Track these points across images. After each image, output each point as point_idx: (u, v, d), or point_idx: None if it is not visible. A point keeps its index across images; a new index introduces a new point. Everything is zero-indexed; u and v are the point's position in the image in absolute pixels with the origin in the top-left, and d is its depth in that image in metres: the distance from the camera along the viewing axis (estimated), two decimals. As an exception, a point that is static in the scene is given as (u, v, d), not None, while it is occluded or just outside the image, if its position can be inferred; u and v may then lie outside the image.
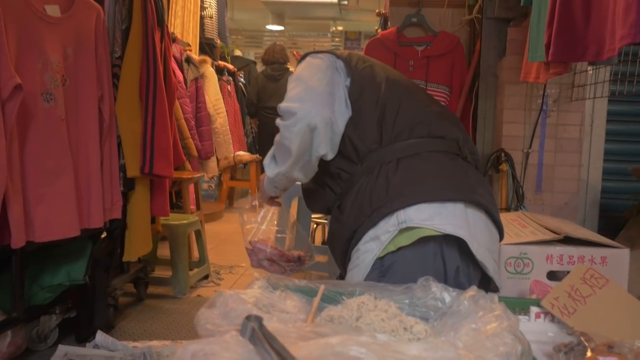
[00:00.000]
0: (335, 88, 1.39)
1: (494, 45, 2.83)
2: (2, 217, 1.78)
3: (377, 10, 3.68)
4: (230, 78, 6.33)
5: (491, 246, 1.36)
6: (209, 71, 4.96)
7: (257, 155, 6.28)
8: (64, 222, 2.00)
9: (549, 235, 2.06)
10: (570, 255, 2.04)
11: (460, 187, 1.34)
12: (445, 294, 1.11)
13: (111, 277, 2.47)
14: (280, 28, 8.91)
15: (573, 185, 2.81)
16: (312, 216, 3.85)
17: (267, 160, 1.47)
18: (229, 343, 0.81)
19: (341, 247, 1.37)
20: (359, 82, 1.41)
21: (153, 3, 2.40)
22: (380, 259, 1.28)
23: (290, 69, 7.67)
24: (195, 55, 4.93)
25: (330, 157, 1.36)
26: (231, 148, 5.23)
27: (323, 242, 4.20)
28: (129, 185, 2.34)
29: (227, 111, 5.39)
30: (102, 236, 2.33)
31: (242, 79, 6.99)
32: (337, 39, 10.70)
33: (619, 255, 2.02)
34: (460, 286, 1.13)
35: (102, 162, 2.19)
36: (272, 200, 1.58)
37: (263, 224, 1.67)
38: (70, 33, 2.06)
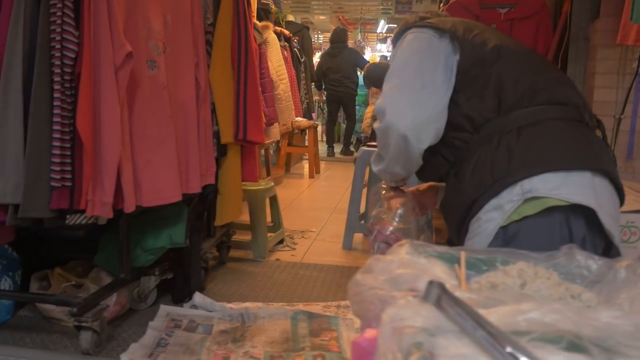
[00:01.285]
0: (435, 74, 1.37)
1: (587, 6, 2.72)
2: (116, 183, 1.84)
3: (453, -29, 3.56)
4: (287, 43, 6.30)
5: (615, 214, 1.33)
6: (272, 37, 4.95)
7: (314, 121, 6.30)
8: (168, 187, 2.05)
9: (657, 203, 2.00)
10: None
11: (586, 155, 1.31)
12: (590, 262, 1.09)
13: (201, 241, 2.54)
14: (332, -8, 8.76)
15: (667, 153, 2.71)
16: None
17: (373, 156, 1.52)
18: (418, 308, 0.82)
19: (458, 215, 1.37)
20: (470, 53, 1.39)
21: (242, -31, 2.39)
22: (503, 228, 1.27)
23: (348, 46, 7.74)
24: (256, 21, 4.91)
25: (434, 143, 1.39)
26: (293, 114, 5.24)
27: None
28: (222, 151, 2.38)
29: (286, 77, 5.39)
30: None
31: (296, 45, 6.96)
32: (388, 3, 10.47)
33: None
34: None
35: (198, 128, 2.23)
36: (397, 190, 1.61)
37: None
38: (169, 1, 2.08)
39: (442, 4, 5.89)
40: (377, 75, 4.24)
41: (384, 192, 1.64)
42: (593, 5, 2.71)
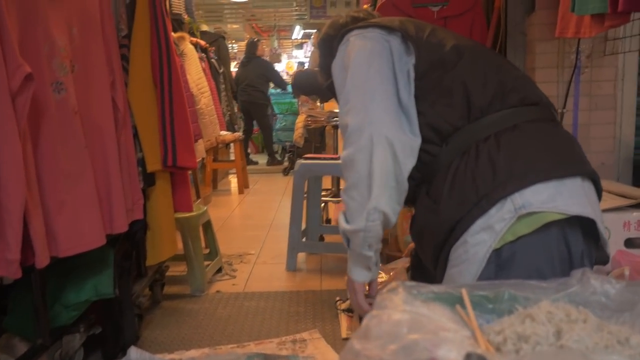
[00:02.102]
0: (396, 79, 1.23)
1: (521, 0, 2.65)
2: (23, 234, 1.51)
3: (378, -29, 3.43)
4: (204, 55, 5.99)
5: (601, 218, 1.22)
6: (189, 48, 4.63)
7: (239, 134, 6.05)
8: (89, 230, 1.74)
9: (624, 201, 1.92)
10: (648, 221, 1.92)
11: (573, 160, 1.21)
12: (608, 287, 0.95)
13: (132, 285, 2.22)
14: (244, 0, 8.50)
15: (609, 144, 2.69)
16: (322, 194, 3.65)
17: (342, 217, 1.23)
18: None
19: (436, 240, 1.20)
20: (427, 55, 1.25)
21: (157, -28, 2.10)
22: (496, 251, 1.12)
23: (259, 56, 7.64)
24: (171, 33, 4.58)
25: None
26: (217, 128, 4.94)
27: (327, 221, 4.02)
28: (149, 180, 2.08)
29: (207, 90, 5.08)
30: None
31: (213, 55, 6.67)
32: (302, 8, 10.34)
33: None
34: None
35: (119, 157, 1.92)
36: (368, 306, 1.29)
37: None
38: (73, 10, 1.76)
39: (357, 7, 5.83)
40: (305, 83, 4.04)
41: None
42: (527, -1, 2.65)
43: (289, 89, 7.72)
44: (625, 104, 2.71)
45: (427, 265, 1.33)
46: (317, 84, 4.35)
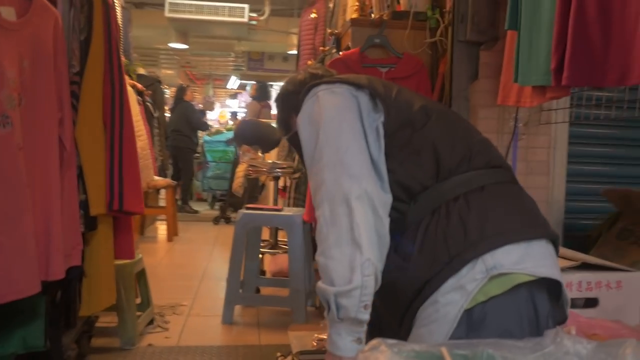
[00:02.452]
0: (365, 134, 1.23)
1: (465, 68, 2.79)
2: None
3: (329, 30, 3.54)
4: (139, 98, 5.88)
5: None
6: (128, 90, 4.51)
7: (170, 180, 5.90)
8: (23, 277, 1.59)
9: (566, 263, 2.01)
10: (588, 282, 2.01)
11: (538, 222, 1.25)
12: (579, 347, 0.97)
13: (61, 337, 2.05)
14: (184, 47, 8.48)
15: (542, 207, 2.82)
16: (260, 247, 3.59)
17: (324, 283, 1.12)
18: None
19: (404, 298, 1.19)
20: (397, 115, 1.26)
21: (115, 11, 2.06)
22: (467, 311, 1.12)
23: (186, 101, 7.60)
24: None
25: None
26: (152, 173, 4.79)
27: (261, 273, 3.93)
28: (90, 224, 1.95)
29: (142, 133, 4.96)
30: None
31: (148, 99, 6.57)
32: (239, 60, 10.45)
33: (633, 279, 2.03)
34: None
35: (62, 199, 1.80)
36: None
37: None
38: (26, 42, 1.67)
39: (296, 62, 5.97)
40: (249, 133, 4.04)
41: None
42: (471, 67, 2.80)
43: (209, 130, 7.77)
44: (557, 171, 2.88)
45: (388, 323, 1.31)
46: (260, 134, 4.35)
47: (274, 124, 5.55)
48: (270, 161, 3.82)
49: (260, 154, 4.16)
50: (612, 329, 1.72)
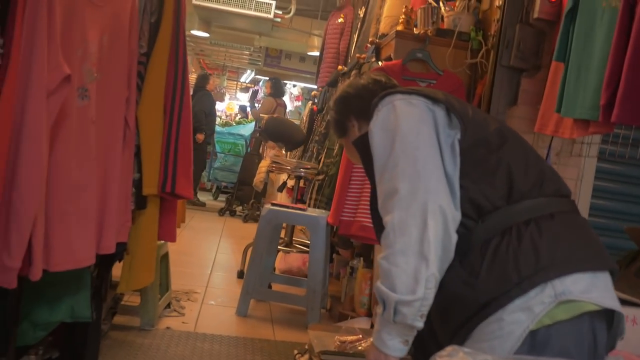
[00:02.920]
0: (441, 149, 1.26)
1: (505, 92, 2.85)
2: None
3: (370, 39, 3.58)
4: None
5: None
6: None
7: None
8: (82, 247, 1.63)
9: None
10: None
11: (603, 254, 1.29)
12: None
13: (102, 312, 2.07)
14: (206, 35, 8.49)
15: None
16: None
17: (384, 286, 1.16)
18: None
19: (465, 311, 1.22)
20: (473, 132, 1.29)
21: (185, -3, 2.09)
22: (532, 332, 1.15)
23: (207, 89, 7.49)
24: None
25: None
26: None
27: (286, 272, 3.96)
28: (140, 203, 1.98)
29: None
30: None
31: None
32: (255, 54, 10.47)
33: (651, 316, 2.07)
34: None
35: (121, 175, 1.83)
36: None
37: None
38: (108, 18, 1.71)
39: (317, 62, 6.00)
40: (276, 129, 4.07)
41: None
42: (510, 93, 2.85)
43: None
44: (581, 204, 2.93)
45: (432, 332, 1.33)
46: (286, 132, 4.38)
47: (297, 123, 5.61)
48: (295, 160, 3.85)
49: (283, 152, 4.19)
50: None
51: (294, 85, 11.40)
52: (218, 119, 9.17)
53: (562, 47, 2.33)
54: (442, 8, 3.22)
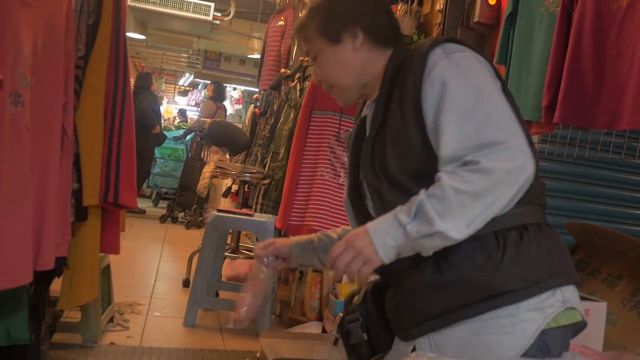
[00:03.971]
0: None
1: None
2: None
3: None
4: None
5: None
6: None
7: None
8: (18, 265, 1.52)
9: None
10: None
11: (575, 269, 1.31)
12: None
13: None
14: (141, 37, 8.25)
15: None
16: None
17: (432, 208, 1.04)
18: None
19: (468, 296, 1.13)
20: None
21: (124, -2, 2.00)
22: (542, 332, 1.13)
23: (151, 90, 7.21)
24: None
25: None
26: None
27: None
28: (81, 215, 1.88)
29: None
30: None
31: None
32: (194, 57, 10.27)
33: (598, 308, 2.16)
34: None
35: (59, 186, 1.73)
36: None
37: None
38: (42, 19, 1.61)
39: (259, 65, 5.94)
40: (220, 134, 3.99)
41: None
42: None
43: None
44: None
45: (386, 322, 1.27)
46: (230, 136, 4.29)
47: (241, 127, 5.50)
48: (240, 164, 3.79)
49: (227, 156, 4.11)
50: (587, 354, 1.84)
51: (234, 89, 11.25)
52: (156, 123, 8.91)
53: (503, 50, 2.38)
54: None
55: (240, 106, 11.32)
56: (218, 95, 7.58)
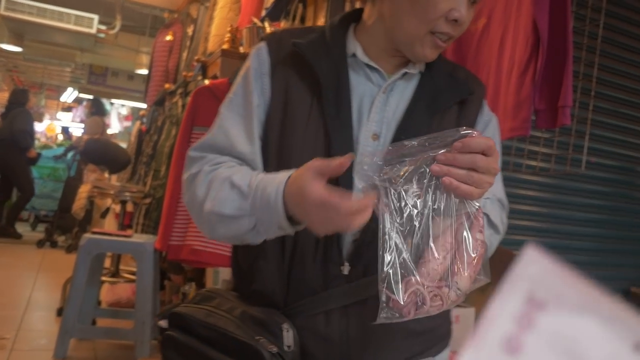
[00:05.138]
0: None
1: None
2: None
3: (197, 57, 3.49)
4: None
5: None
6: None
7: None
8: None
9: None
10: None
11: None
12: None
13: None
14: (18, 49, 7.69)
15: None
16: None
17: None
18: None
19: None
20: None
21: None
22: None
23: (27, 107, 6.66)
24: None
25: None
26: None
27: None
28: None
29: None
30: None
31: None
32: (79, 72, 9.75)
33: (467, 314, 2.28)
34: None
35: None
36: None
37: None
38: None
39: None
40: (97, 152, 3.77)
41: None
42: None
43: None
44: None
45: None
46: (109, 154, 4.08)
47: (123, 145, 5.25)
48: (118, 183, 3.60)
49: (106, 175, 3.91)
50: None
51: (123, 105, 10.81)
52: (37, 141, 8.33)
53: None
54: (267, 28, 3.25)
55: (130, 123, 10.88)
56: (98, 110, 7.18)
